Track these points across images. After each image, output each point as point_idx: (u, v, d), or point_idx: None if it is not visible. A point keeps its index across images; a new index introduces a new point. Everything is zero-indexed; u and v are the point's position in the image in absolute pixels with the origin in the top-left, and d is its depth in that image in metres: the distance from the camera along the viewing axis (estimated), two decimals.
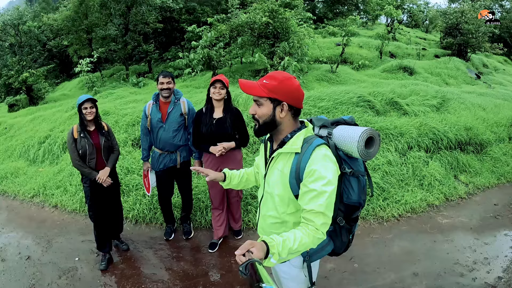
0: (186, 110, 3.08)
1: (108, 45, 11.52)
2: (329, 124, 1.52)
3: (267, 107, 1.37)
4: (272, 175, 1.45)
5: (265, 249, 1.16)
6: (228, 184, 1.69)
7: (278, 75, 1.37)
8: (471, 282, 2.71)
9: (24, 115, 8.56)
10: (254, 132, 1.45)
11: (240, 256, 1.10)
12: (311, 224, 1.30)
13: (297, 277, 1.53)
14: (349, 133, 1.39)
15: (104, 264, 3.04)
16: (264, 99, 1.36)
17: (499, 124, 5.62)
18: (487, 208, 3.96)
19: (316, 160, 1.31)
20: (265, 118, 1.38)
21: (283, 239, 1.23)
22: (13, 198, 4.81)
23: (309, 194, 1.30)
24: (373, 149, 1.40)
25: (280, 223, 1.48)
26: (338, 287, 2.66)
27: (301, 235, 1.26)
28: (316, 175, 1.29)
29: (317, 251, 1.50)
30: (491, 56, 13.87)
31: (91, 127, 2.90)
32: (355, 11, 19.64)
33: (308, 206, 1.30)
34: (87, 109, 2.80)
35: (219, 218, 3.15)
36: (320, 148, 1.34)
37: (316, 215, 1.29)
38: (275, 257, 1.19)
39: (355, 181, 1.42)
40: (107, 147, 2.93)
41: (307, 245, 1.29)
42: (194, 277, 2.86)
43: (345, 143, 1.40)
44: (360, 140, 1.34)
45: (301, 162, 1.33)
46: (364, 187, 1.47)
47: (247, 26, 8.28)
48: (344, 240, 1.54)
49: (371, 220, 3.58)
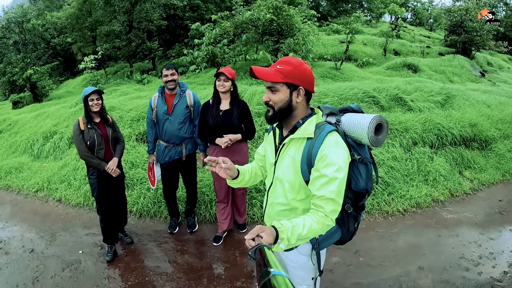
0: (192, 102, 3.08)
1: (112, 42, 11.54)
2: (337, 111, 1.52)
3: (284, 92, 1.35)
4: (283, 162, 1.44)
5: (275, 234, 1.16)
6: (241, 181, 1.59)
7: (292, 60, 1.36)
8: (476, 277, 2.69)
9: (28, 111, 8.61)
10: (268, 119, 1.40)
11: (250, 241, 1.09)
12: (320, 211, 1.30)
13: (305, 265, 1.52)
14: (358, 120, 1.39)
15: (110, 256, 3.06)
16: (281, 84, 1.34)
17: (504, 121, 5.57)
18: (492, 204, 3.93)
19: (328, 146, 1.31)
20: (281, 104, 1.36)
21: (292, 224, 1.22)
22: (17, 192, 4.83)
23: (320, 179, 1.30)
24: (382, 136, 1.41)
25: (289, 209, 1.47)
26: (343, 280, 2.64)
27: (311, 221, 1.26)
28: (328, 161, 1.29)
29: (326, 238, 1.49)
30: (496, 55, 13.77)
31: (96, 119, 2.90)
32: (359, 9, 19.56)
33: (319, 192, 1.29)
34: (94, 101, 2.80)
35: (223, 212, 3.15)
36: (332, 134, 1.34)
37: (327, 201, 1.29)
38: (284, 242, 1.19)
39: (363, 168, 1.42)
40: (113, 138, 2.95)
41: (316, 232, 1.28)
42: (198, 270, 2.86)
43: (355, 129, 1.40)
44: (370, 127, 1.35)
45: (313, 147, 1.33)
46: (371, 174, 1.47)
47: (251, 23, 8.26)
48: (350, 228, 1.54)
49: (376, 214, 3.57)
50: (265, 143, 1.64)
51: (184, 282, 2.72)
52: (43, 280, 2.85)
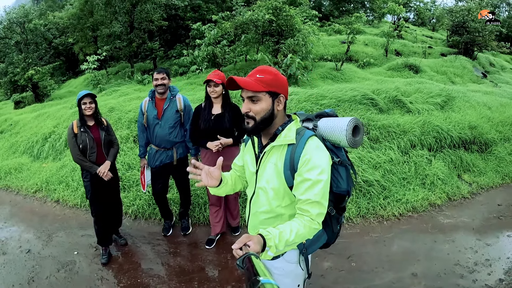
0: (182, 107, 3.07)
1: (113, 42, 11.58)
2: (313, 117, 1.54)
3: (266, 102, 1.34)
4: (265, 170, 1.44)
5: (262, 242, 1.16)
6: (223, 186, 1.56)
7: (270, 68, 1.37)
8: (471, 284, 2.65)
9: (30, 112, 8.67)
10: (249, 131, 1.38)
11: (237, 250, 1.09)
12: (306, 215, 1.30)
13: (292, 272, 1.52)
14: (335, 124, 1.43)
15: (105, 258, 3.07)
16: (263, 93, 1.33)
17: (505, 124, 5.50)
18: (491, 208, 3.88)
19: (310, 150, 1.32)
20: (263, 114, 1.35)
21: (279, 231, 1.23)
22: (16, 193, 4.87)
23: (304, 183, 1.30)
24: (359, 137, 1.45)
25: (273, 217, 1.47)
26: (334, 285, 2.63)
27: (297, 226, 1.27)
28: (311, 165, 1.30)
29: (313, 242, 1.49)
30: (498, 55, 13.62)
31: (90, 122, 2.91)
32: (361, 9, 19.46)
33: (304, 196, 1.30)
34: (86, 104, 2.81)
35: (216, 215, 3.14)
36: (312, 138, 1.36)
37: (312, 204, 1.29)
38: (272, 249, 1.19)
39: (343, 170, 1.44)
40: (107, 142, 2.95)
41: (303, 236, 1.29)
42: (190, 272, 2.86)
43: (332, 133, 1.43)
44: (348, 129, 1.39)
45: (295, 153, 1.33)
46: (350, 175, 1.49)
47: (251, 23, 8.26)
48: (334, 230, 1.56)
49: (371, 218, 3.54)
50: (242, 153, 1.64)
51: (175, 284, 2.72)
52: (38, 280, 2.88)
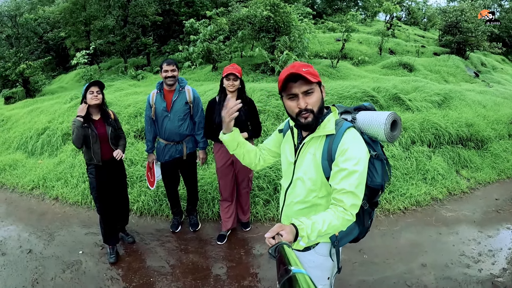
0: (192, 98, 3.01)
1: (106, 37, 11.33)
2: (352, 110, 1.55)
3: (318, 92, 1.36)
4: (303, 161, 1.44)
5: (294, 232, 1.16)
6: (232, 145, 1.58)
7: (304, 63, 1.37)
8: (477, 273, 2.75)
9: (21, 107, 8.41)
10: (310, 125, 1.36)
11: (270, 239, 1.09)
12: (340, 205, 1.30)
13: (322, 264, 1.53)
14: (374, 117, 1.43)
15: (113, 257, 2.99)
16: (315, 85, 1.35)
17: (499, 122, 5.67)
18: (489, 202, 4.01)
19: (347, 141, 1.33)
20: (319, 104, 1.36)
21: (312, 221, 1.22)
22: (11, 190, 4.73)
23: (340, 173, 1.30)
24: (396, 132, 1.45)
25: (309, 207, 1.47)
26: (350, 277, 2.67)
27: (331, 218, 1.26)
28: (348, 155, 1.30)
29: (346, 235, 1.50)
30: (490, 55, 13.96)
31: (96, 115, 2.77)
32: (354, 7, 19.63)
33: (339, 185, 1.30)
34: (93, 93, 2.67)
35: (228, 210, 3.13)
36: (350, 130, 1.37)
37: (347, 194, 1.29)
38: (304, 239, 1.19)
39: (379, 164, 1.45)
40: (113, 137, 2.83)
41: (336, 228, 1.28)
42: (204, 269, 2.84)
43: (371, 126, 1.43)
44: (386, 123, 1.39)
45: (333, 143, 1.34)
46: (385, 170, 1.50)
47: (247, 19, 8.21)
48: (366, 224, 1.57)
49: (378, 212, 3.61)
50: (274, 140, 1.65)
51: (191, 282, 2.69)
52: (43, 282, 2.78)
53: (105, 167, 2.83)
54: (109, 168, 2.86)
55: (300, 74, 1.29)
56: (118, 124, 2.96)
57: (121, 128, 3.02)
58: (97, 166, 2.82)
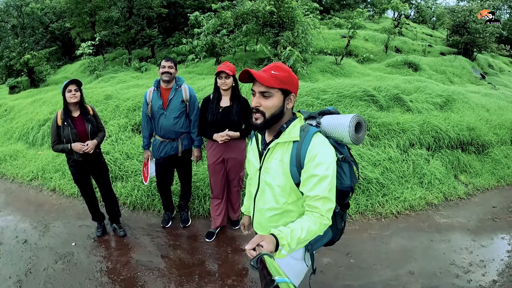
0: (188, 97, 3.03)
1: (111, 28, 11.34)
2: (316, 114, 1.56)
3: (278, 98, 1.35)
4: (269, 166, 1.45)
5: (275, 242, 1.18)
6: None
7: (284, 66, 1.37)
8: (466, 284, 2.70)
9: (25, 97, 8.50)
10: (258, 127, 1.37)
11: (251, 251, 1.10)
12: (315, 211, 1.32)
13: (297, 268, 1.55)
14: (338, 121, 1.44)
15: (100, 231, 3.31)
16: (276, 90, 1.33)
17: (502, 126, 5.55)
18: (486, 210, 3.93)
19: (316, 146, 1.33)
20: (273, 110, 1.35)
21: (290, 229, 1.25)
22: (11, 181, 4.81)
23: (312, 179, 1.31)
24: (361, 134, 1.46)
25: (280, 214, 1.48)
26: (334, 281, 2.66)
27: (308, 224, 1.29)
28: (317, 160, 1.31)
29: (319, 238, 1.51)
30: (497, 57, 13.64)
31: (75, 112, 2.83)
32: (362, 3, 19.29)
33: (312, 192, 1.31)
34: (71, 92, 2.72)
35: (217, 207, 3.14)
36: (317, 135, 1.37)
37: (321, 200, 1.31)
38: (285, 248, 1.21)
39: (346, 166, 1.46)
40: (93, 134, 2.90)
41: (314, 233, 1.31)
42: (190, 266, 2.87)
43: (336, 129, 1.44)
44: (350, 125, 1.40)
45: (301, 149, 1.34)
46: (353, 172, 1.51)
47: (252, 14, 8.13)
48: (339, 227, 1.60)
49: (370, 215, 3.58)
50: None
51: (176, 278, 2.72)
52: (36, 272, 2.84)
53: (85, 162, 2.94)
54: (90, 161, 2.97)
55: (249, 72, 1.30)
56: (98, 119, 3.01)
57: (101, 122, 3.06)
58: (76, 160, 2.92)
